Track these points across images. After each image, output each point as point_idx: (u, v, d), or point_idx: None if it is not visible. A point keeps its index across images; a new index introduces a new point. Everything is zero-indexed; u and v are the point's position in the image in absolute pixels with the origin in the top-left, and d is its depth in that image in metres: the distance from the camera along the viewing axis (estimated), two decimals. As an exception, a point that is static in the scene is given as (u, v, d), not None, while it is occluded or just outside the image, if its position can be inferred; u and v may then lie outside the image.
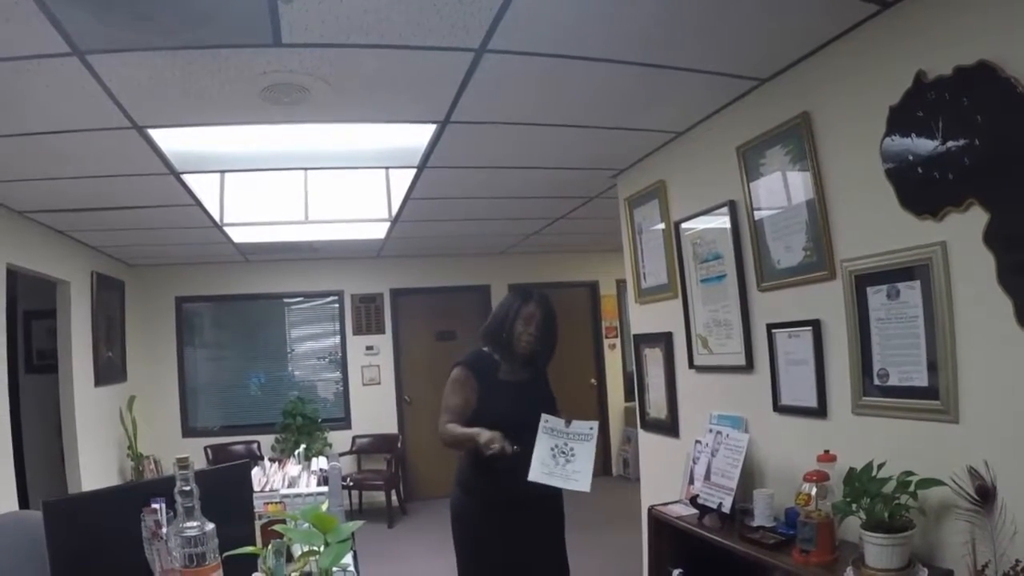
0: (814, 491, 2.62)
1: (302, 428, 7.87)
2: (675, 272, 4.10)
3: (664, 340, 4.28)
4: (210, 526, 1.75)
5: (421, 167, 4.47)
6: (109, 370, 7.02)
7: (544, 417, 3.15)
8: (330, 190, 5.43)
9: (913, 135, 2.43)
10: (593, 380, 9.34)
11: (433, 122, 3.62)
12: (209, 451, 7.62)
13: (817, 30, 2.74)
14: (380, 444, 8.32)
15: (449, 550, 3.34)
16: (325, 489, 3.83)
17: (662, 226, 4.25)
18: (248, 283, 8.36)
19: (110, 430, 7.02)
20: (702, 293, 3.86)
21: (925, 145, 2.38)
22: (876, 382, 2.68)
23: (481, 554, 3.20)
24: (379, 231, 6.70)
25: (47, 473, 6.50)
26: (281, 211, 5.84)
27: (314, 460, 4.53)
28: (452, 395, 3.27)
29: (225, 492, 2.08)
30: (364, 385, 8.58)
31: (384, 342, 8.70)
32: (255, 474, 3.86)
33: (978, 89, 2.18)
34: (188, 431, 8.17)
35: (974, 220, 2.23)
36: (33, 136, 3.42)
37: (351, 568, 2.39)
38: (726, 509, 3.11)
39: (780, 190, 3.20)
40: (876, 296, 2.66)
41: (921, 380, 2.48)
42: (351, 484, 7.66)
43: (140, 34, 2.44)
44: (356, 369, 8.59)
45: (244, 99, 3.10)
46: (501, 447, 2.96)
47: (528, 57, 2.83)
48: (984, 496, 2.17)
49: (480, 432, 3.04)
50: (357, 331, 8.64)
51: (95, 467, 6.38)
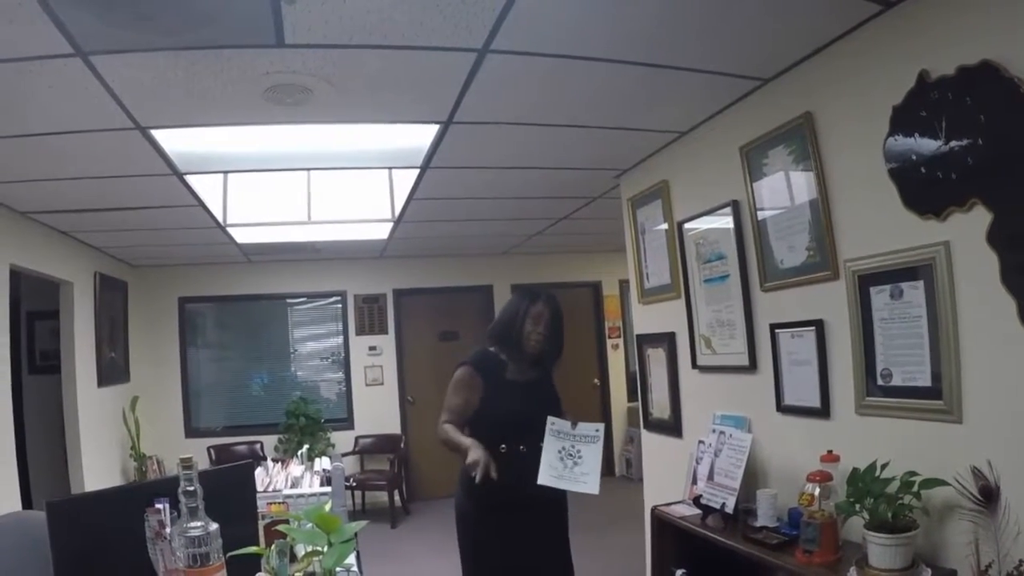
0: (817, 491, 2.62)
1: (305, 428, 7.88)
2: (678, 272, 4.10)
3: (667, 340, 4.28)
4: (214, 526, 1.75)
5: (424, 167, 4.47)
6: (112, 371, 7.03)
7: (550, 419, 3.15)
8: (333, 190, 5.44)
9: (916, 135, 2.43)
10: (596, 380, 9.34)
11: (436, 122, 3.62)
12: (212, 451, 7.63)
13: (820, 30, 2.73)
14: (383, 444, 8.32)
15: (452, 550, 3.34)
16: (328, 489, 3.84)
17: (665, 226, 4.25)
18: (251, 284, 8.37)
19: (113, 431, 7.02)
20: (705, 293, 3.85)
21: (928, 145, 2.38)
22: (879, 382, 2.67)
23: (486, 555, 3.20)
24: (382, 231, 6.70)
25: (50, 474, 6.50)
26: (284, 212, 5.85)
27: (317, 460, 4.54)
28: (454, 395, 3.27)
29: (229, 492, 2.08)
30: (367, 385, 8.59)
31: (387, 342, 8.71)
32: (258, 474, 3.87)
33: (981, 89, 2.18)
34: (191, 431, 8.18)
35: (977, 220, 2.22)
36: (36, 137, 3.42)
37: (354, 568, 2.39)
38: (729, 509, 3.11)
39: (783, 190, 3.20)
40: (879, 296, 2.65)
41: (924, 380, 2.47)
42: (354, 484, 7.66)
43: (143, 35, 2.45)
44: (359, 369, 8.60)
45: (247, 99, 3.11)
46: (484, 473, 2.95)
47: (531, 57, 2.83)
48: (988, 496, 2.16)
49: (470, 449, 3.02)
50: (360, 331, 8.65)
51: (98, 468, 6.39)
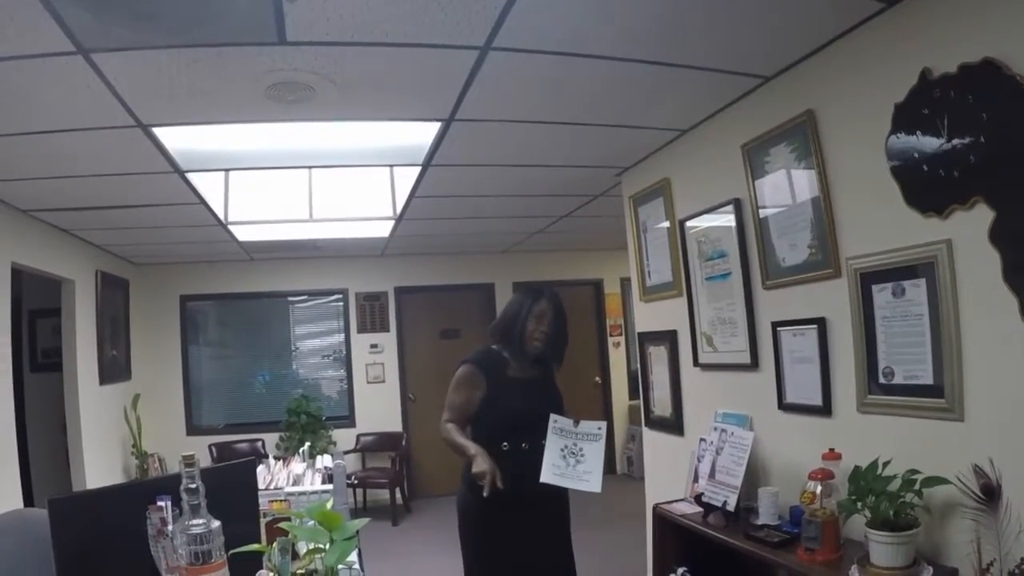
0: (819, 489, 2.62)
1: (306, 426, 7.88)
2: (680, 270, 4.10)
3: (669, 338, 4.28)
4: (216, 524, 1.75)
5: (425, 165, 4.46)
6: (113, 368, 7.03)
7: (553, 417, 3.15)
8: (334, 188, 5.44)
9: (918, 133, 2.43)
10: (597, 378, 9.33)
11: (438, 120, 3.61)
12: (214, 449, 7.62)
13: (822, 27, 2.73)
14: (384, 442, 8.32)
15: (454, 548, 3.34)
16: (330, 487, 3.84)
17: (667, 224, 4.25)
18: (252, 281, 8.37)
19: (114, 428, 7.03)
20: (707, 291, 3.85)
21: (930, 143, 2.38)
22: (881, 380, 2.67)
23: (487, 552, 3.20)
24: (383, 229, 6.70)
25: (51, 472, 6.51)
26: (285, 209, 5.84)
27: (318, 458, 4.54)
28: (456, 393, 3.27)
29: (230, 490, 2.08)
30: (368, 383, 8.59)
31: (388, 340, 8.71)
32: (260, 472, 3.87)
33: (983, 87, 2.18)
34: (192, 429, 8.19)
35: (980, 218, 2.22)
36: (38, 135, 3.42)
37: (356, 566, 2.39)
38: (731, 507, 3.11)
39: (785, 188, 3.19)
40: (881, 294, 2.65)
41: (926, 378, 2.47)
42: (355, 482, 7.67)
43: (145, 33, 2.45)
44: (360, 367, 8.60)
45: (249, 97, 3.11)
46: (491, 482, 2.94)
47: (532, 55, 2.83)
48: (989, 494, 2.16)
49: (476, 459, 3.02)
50: (361, 329, 8.65)
51: (99, 465, 6.40)
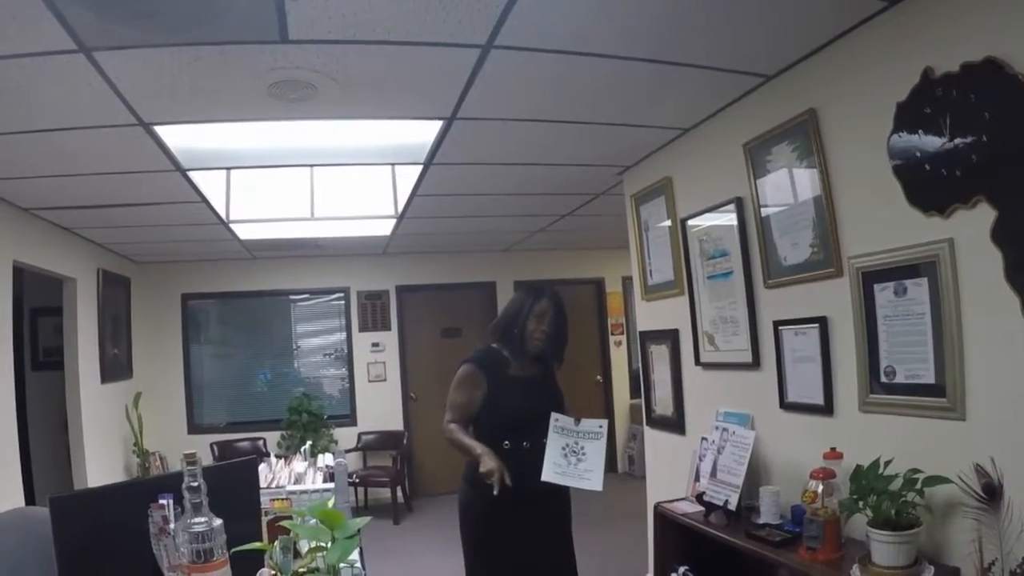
0: (820, 488, 2.63)
1: (308, 425, 7.88)
2: (681, 269, 4.10)
3: (670, 337, 4.28)
4: (218, 522, 1.75)
5: (427, 164, 4.46)
6: (115, 367, 7.04)
7: (554, 416, 3.15)
8: (336, 187, 5.44)
9: (920, 132, 2.43)
10: (599, 377, 9.33)
11: (439, 118, 3.61)
12: (215, 448, 7.62)
13: (824, 26, 2.73)
14: (386, 441, 8.32)
15: (455, 547, 3.34)
16: (331, 485, 3.83)
17: (668, 223, 4.25)
18: (254, 280, 8.37)
19: (116, 427, 7.03)
20: (709, 290, 3.85)
21: (932, 142, 2.38)
22: (883, 379, 2.67)
23: (489, 551, 3.20)
24: (385, 228, 6.69)
25: (53, 470, 6.51)
26: (287, 208, 5.84)
27: (320, 457, 4.53)
28: (457, 393, 3.27)
29: (232, 488, 2.08)
30: (370, 382, 8.59)
31: (390, 339, 8.70)
32: (261, 471, 3.87)
33: (985, 86, 2.18)
34: (194, 428, 8.19)
35: (981, 217, 2.22)
36: (39, 133, 3.42)
37: (358, 564, 2.39)
38: (732, 506, 3.11)
39: (787, 187, 3.19)
40: (883, 293, 2.65)
41: (928, 377, 2.47)
42: (357, 481, 7.66)
43: (146, 31, 2.45)
44: (362, 366, 8.60)
45: (251, 96, 3.11)
46: (500, 479, 2.95)
47: (534, 53, 2.83)
48: (991, 494, 2.16)
49: (482, 458, 3.02)
50: (363, 328, 8.64)
51: (101, 464, 6.40)
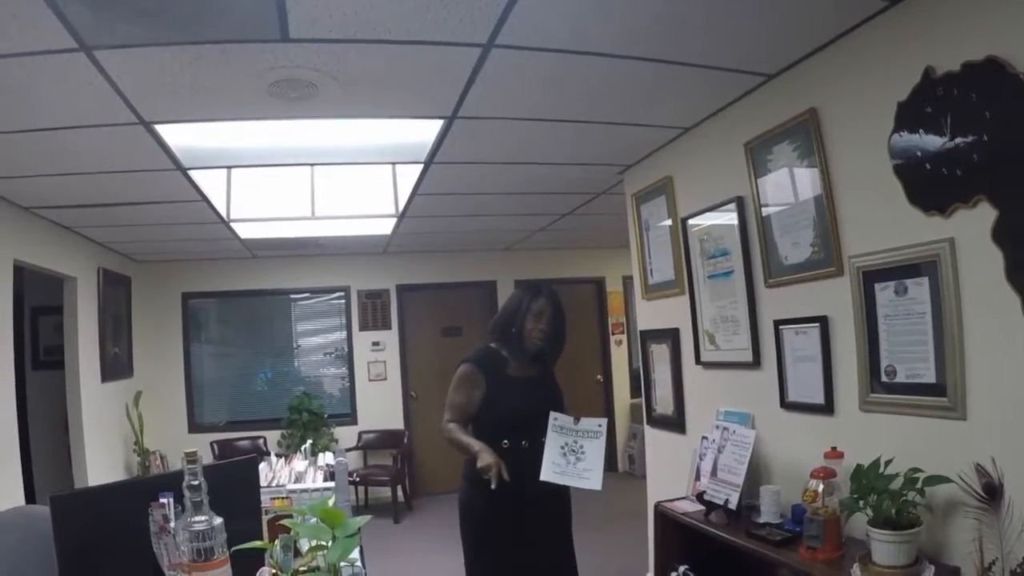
0: (821, 488, 2.62)
1: (308, 424, 7.89)
2: (682, 268, 4.10)
3: (671, 336, 4.28)
4: (218, 520, 1.74)
5: (428, 163, 4.46)
6: (115, 366, 7.04)
7: (553, 415, 3.15)
8: (337, 186, 5.44)
9: (921, 131, 2.42)
10: (599, 376, 9.33)
11: (440, 117, 3.61)
12: (215, 447, 7.62)
13: (824, 26, 2.73)
14: (386, 440, 8.32)
15: (456, 546, 3.34)
16: (332, 484, 3.83)
17: (669, 222, 4.24)
18: (254, 279, 8.36)
19: (116, 426, 7.03)
20: (709, 289, 3.85)
21: (933, 141, 2.37)
22: (884, 379, 2.67)
23: (489, 550, 3.20)
24: (386, 227, 6.70)
25: (53, 469, 6.51)
26: (288, 207, 5.85)
27: (320, 456, 4.53)
28: (456, 393, 3.27)
29: (232, 487, 2.08)
30: (370, 381, 8.59)
31: (390, 338, 8.70)
32: (261, 469, 3.87)
33: (987, 85, 2.18)
34: (194, 427, 8.19)
35: (982, 217, 2.22)
36: (40, 132, 3.42)
37: (359, 563, 2.39)
38: (732, 505, 3.11)
39: (788, 186, 3.19)
40: (884, 292, 2.65)
41: (929, 377, 2.47)
42: (357, 480, 7.66)
43: (147, 29, 2.44)
44: (362, 365, 8.60)
45: (251, 95, 3.11)
46: (497, 475, 2.95)
47: (535, 52, 2.83)
48: (991, 493, 2.16)
49: (480, 454, 3.02)
50: (363, 327, 8.64)
51: (101, 463, 6.41)
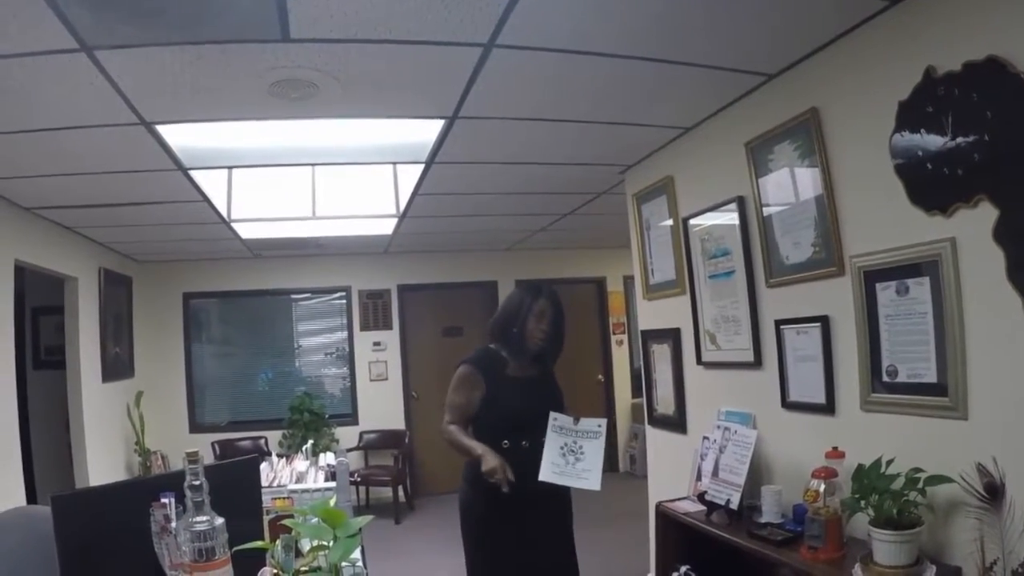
0: (822, 487, 2.62)
1: (309, 424, 7.89)
2: (683, 268, 4.10)
3: (672, 336, 4.28)
4: (220, 520, 1.74)
5: (429, 163, 4.46)
6: (116, 366, 7.04)
7: (553, 415, 3.15)
8: (338, 186, 5.44)
9: (922, 131, 2.42)
10: (600, 376, 9.33)
11: (441, 117, 3.61)
12: (216, 447, 7.62)
13: (825, 25, 2.73)
14: (387, 440, 8.32)
15: (457, 546, 3.34)
16: (333, 484, 3.83)
17: (670, 222, 4.24)
18: (255, 279, 8.37)
19: (117, 426, 7.03)
20: (710, 289, 3.85)
21: (934, 141, 2.37)
22: (885, 378, 2.67)
23: (490, 550, 3.20)
24: (387, 227, 6.70)
25: (54, 469, 6.51)
26: (289, 207, 5.85)
27: (321, 456, 4.53)
28: (456, 394, 3.26)
29: (234, 487, 2.08)
30: (371, 381, 8.59)
31: (391, 338, 8.70)
32: (263, 469, 3.87)
33: (988, 85, 2.17)
34: (195, 427, 8.20)
35: (984, 216, 2.22)
36: (41, 132, 3.42)
37: (360, 563, 2.39)
38: (734, 505, 3.11)
39: (789, 186, 3.19)
40: (885, 292, 2.65)
41: (930, 377, 2.47)
42: (358, 480, 7.66)
43: (148, 30, 2.45)
44: (363, 365, 8.60)
45: (252, 95, 3.11)
46: (503, 479, 2.97)
47: (536, 52, 2.83)
48: (993, 493, 2.16)
49: (484, 457, 3.02)
50: (364, 327, 8.65)
51: (102, 463, 6.41)
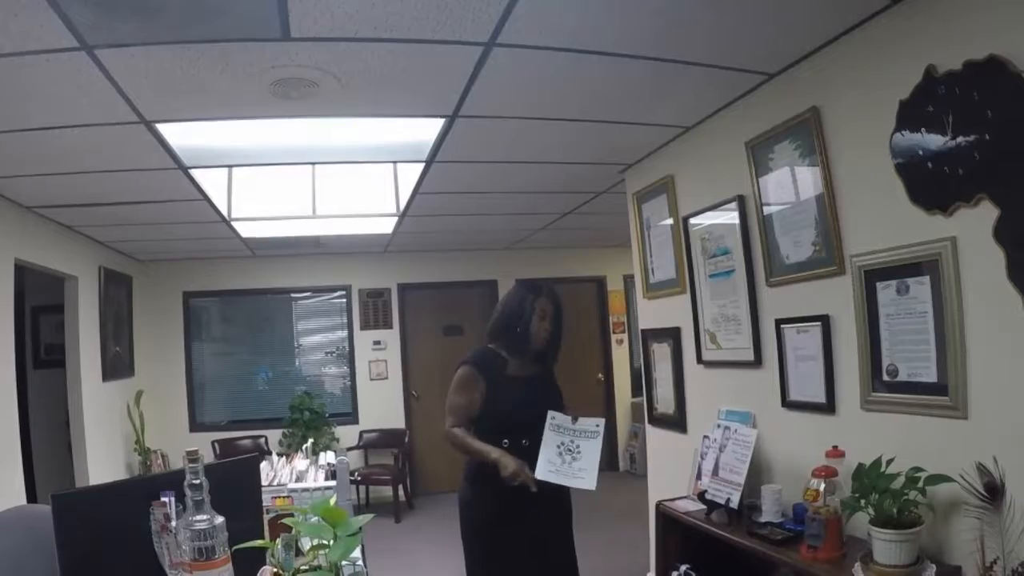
0: (822, 487, 2.63)
1: (309, 423, 7.90)
2: (683, 267, 4.10)
3: (672, 335, 4.28)
4: (220, 519, 1.74)
5: (429, 162, 4.46)
6: (117, 365, 7.04)
7: (551, 414, 3.14)
8: (338, 185, 5.43)
9: (923, 130, 2.42)
10: (600, 375, 9.33)
11: (441, 116, 3.61)
12: (216, 446, 7.62)
13: (826, 24, 2.72)
14: (387, 439, 8.33)
15: (457, 545, 3.34)
16: (333, 483, 3.84)
17: (670, 221, 4.24)
18: (256, 278, 8.37)
19: (117, 425, 7.03)
20: (710, 288, 3.85)
21: (935, 140, 2.37)
22: (885, 378, 2.67)
23: (489, 549, 3.20)
24: (387, 226, 6.70)
25: (55, 468, 6.52)
26: (289, 206, 5.84)
27: (321, 455, 4.54)
28: (457, 395, 3.25)
29: (234, 486, 2.08)
30: (371, 380, 8.59)
31: (391, 337, 8.71)
32: (263, 469, 3.87)
33: (988, 84, 2.17)
34: (195, 426, 8.20)
35: (984, 216, 2.22)
36: (41, 131, 3.42)
37: (360, 562, 2.39)
38: (734, 505, 3.11)
39: (789, 185, 3.19)
40: (885, 291, 2.65)
41: (930, 376, 2.47)
42: (358, 479, 7.67)
43: (148, 29, 2.44)
44: (363, 364, 8.60)
45: (253, 94, 3.10)
46: (528, 478, 2.99)
47: (537, 51, 2.82)
48: (993, 492, 2.16)
49: (500, 460, 3.03)
50: (364, 326, 8.65)
51: (103, 462, 6.41)
